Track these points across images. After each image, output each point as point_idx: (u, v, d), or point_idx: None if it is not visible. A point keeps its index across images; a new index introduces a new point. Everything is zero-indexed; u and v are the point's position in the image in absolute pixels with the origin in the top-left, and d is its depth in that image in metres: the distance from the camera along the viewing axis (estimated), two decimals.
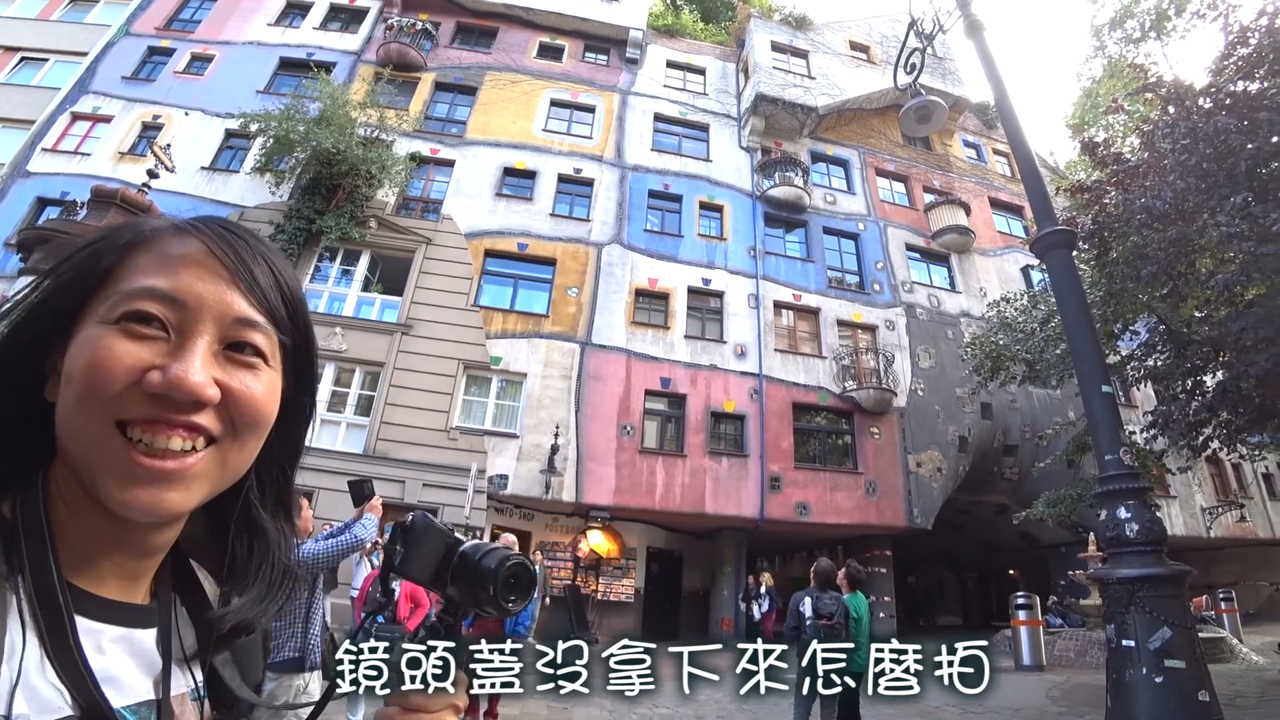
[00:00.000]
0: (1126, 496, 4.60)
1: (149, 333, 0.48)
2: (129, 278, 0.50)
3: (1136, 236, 7.83)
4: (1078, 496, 10.94)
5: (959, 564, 28.01)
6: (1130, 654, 4.30)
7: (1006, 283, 18.90)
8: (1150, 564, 4.39)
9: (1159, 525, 4.54)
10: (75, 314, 0.50)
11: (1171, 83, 8.34)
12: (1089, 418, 5.21)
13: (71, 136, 17.48)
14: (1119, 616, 4.44)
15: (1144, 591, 4.33)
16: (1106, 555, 4.81)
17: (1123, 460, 4.71)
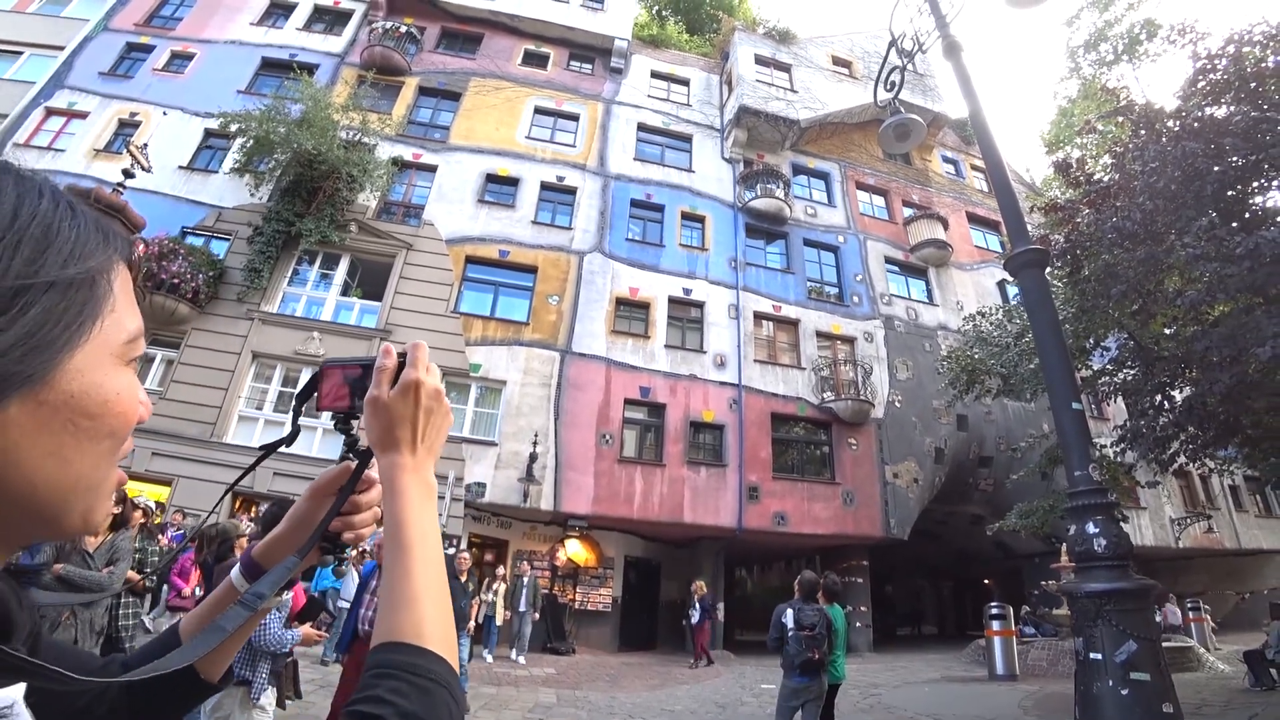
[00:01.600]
0: (1095, 512, 4.68)
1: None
2: (126, 313, 0.49)
3: (1108, 255, 8.01)
4: (1050, 508, 11.14)
5: (935, 574, 28.30)
6: (1098, 666, 4.38)
7: (983, 296, 19.22)
8: (1117, 579, 4.47)
9: (1126, 540, 4.62)
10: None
11: (1142, 106, 8.56)
12: (1059, 433, 5.30)
13: (45, 132, 17.16)
14: (1087, 630, 4.52)
15: (1111, 605, 4.41)
16: (1076, 570, 4.89)
17: (1091, 476, 4.79)
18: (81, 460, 0.45)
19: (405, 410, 0.71)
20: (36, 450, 0.42)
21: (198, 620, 0.79)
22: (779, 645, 5.54)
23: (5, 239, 0.39)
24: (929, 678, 11.48)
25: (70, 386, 0.43)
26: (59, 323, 0.41)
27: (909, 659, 14.66)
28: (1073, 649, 10.64)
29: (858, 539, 15.94)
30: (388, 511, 0.69)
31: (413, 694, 0.54)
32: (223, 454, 12.77)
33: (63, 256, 0.42)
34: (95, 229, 0.46)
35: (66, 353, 0.42)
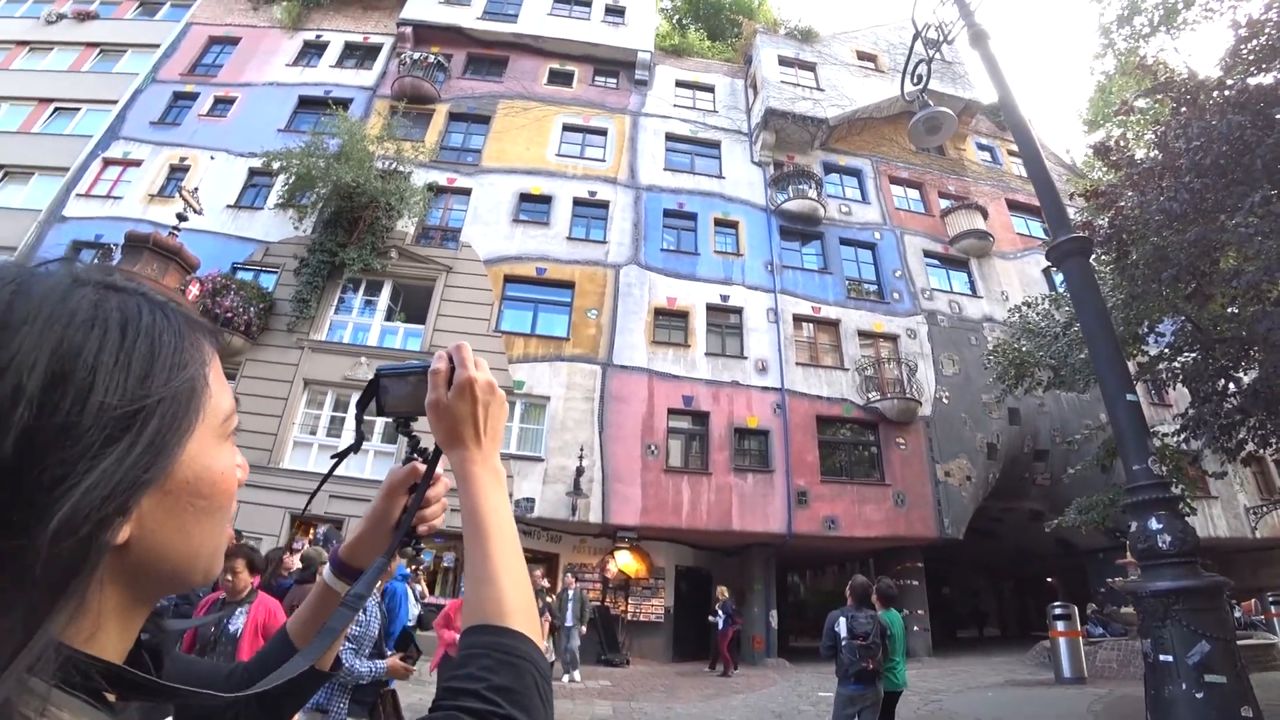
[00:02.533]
0: (1157, 507, 4.53)
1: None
2: (220, 395, 0.54)
3: (1156, 238, 7.75)
4: (1111, 501, 10.74)
5: (994, 573, 27.50)
6: (1168, 669, 4.23)
7: (1028, 285, 18.70)
8: (1184, 576, 4.31)
9: (1192, 536, 4.46)
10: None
11: (1183, 80, 8.27)
12: (1114, 427, 5.14)
13: (104, 181, 18.08)
14: (1155, 631, 4.37)
15: (1179, 605, 4.26)
16: (1141, 568, 4.73)
17: (1151, 469, 4.64)
18: (200, 532, 0.51)
19: (465, 408, 0.77)
20: (164, 531, 0.48)
21: (302, 622, 0.87)
22: (832, 654, 5.46)
23: (118, 360, 0.43)
24: (992, 682, 11.16)
25: (185, 474, 0.48)
26: (173, 429, 0.46)
27: (970, 662, 14.28)
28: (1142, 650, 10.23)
29: (911, 540, 15.61)
30: (464, 501, 0.74)
31: (501, 670, 0.59)
32: (280, 479, 13.20)
33: (168, 369, 0.46)
34: (189, 329, 0.51)
35: (181, 450, 0.48)
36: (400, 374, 0.84)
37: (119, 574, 0.46)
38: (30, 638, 0.37)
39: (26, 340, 0.39)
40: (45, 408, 0.38)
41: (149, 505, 0.46)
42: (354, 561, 0.88)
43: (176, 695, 0.51)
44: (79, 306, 0.43)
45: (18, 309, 0.40)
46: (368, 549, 0.88)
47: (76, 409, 0.40)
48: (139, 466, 0.43)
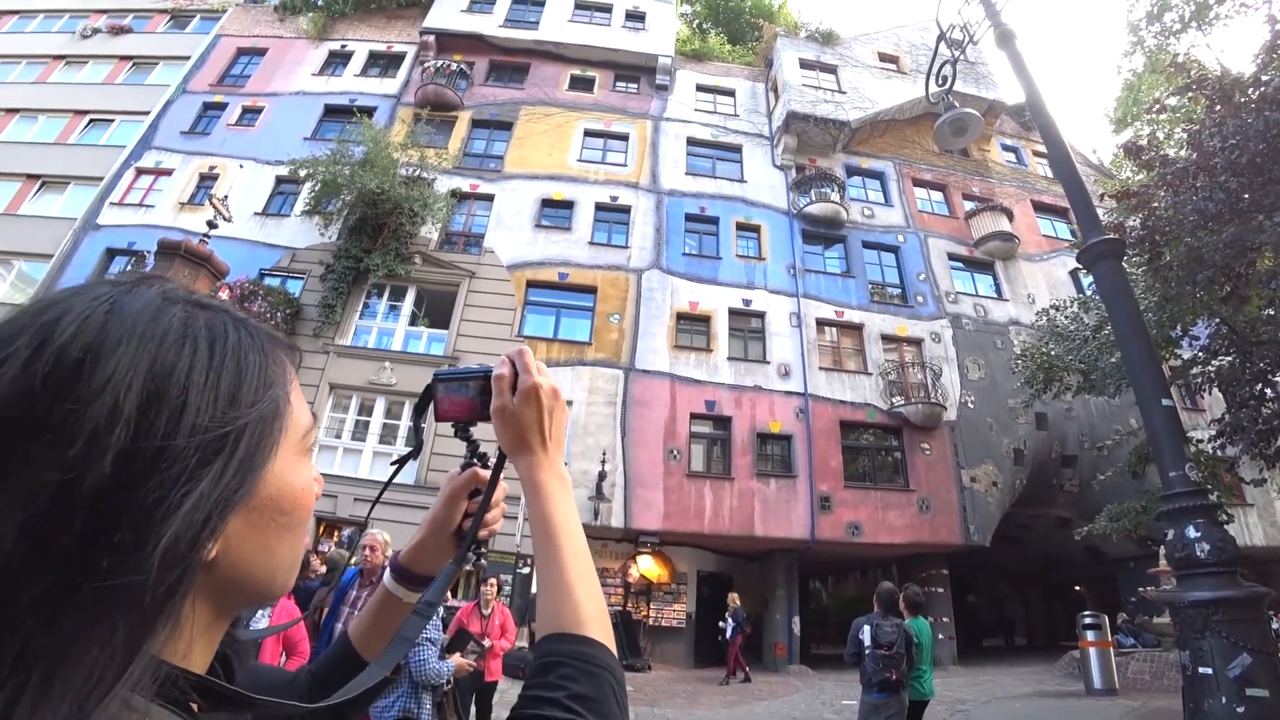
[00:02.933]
0: (1194, 514, 4.43)
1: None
2: (300, 411, 0.55)
3: (1190, 239, 7.59)
4: (1143, 509, 10.50)
5: (1021, 581, 27.05)
6: (1208, 682, 4.13)
7: (1055, 288, 18.42)
8: (1224, 586, 4.21)
9: (1231, 544, 4.35)
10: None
11: (1217, 78, 8.10)
12: (1149, 433, 5.04)
13: (136, 190, 18.51)
14: (1193, 642, 4.27)
15: (1219, 615, 4.16)
16: (1177, 577, 4.62)
17: (1188, 476, 4.54)
18: (281, 547, 0.52)
19: (531, 414, 0.77)
20: (248, 548, 0.49)
21: (365, 627, 0.87)
22: (856, 661, 5.40)
23: (208, 379, 0.43)
24: (1020, 692, 10.97)
25: (269, 491, 0.49)
26: (260, 449, 0.47)
27: (996, 672, 14.05)
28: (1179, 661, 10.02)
29: (936, 547, 15.41)
30: (533, 508, 0.74)
31: (582, 678, 0.59)
32: None
33: (254, 389, 0.47)
34: (271, 346, 0.52)
35: (267, 466, 0.48)
36: (458, 379, 0.83)
37: (206, 590, 0.47)
38: (132, 657, 0.38)
39: (122, 360, 0.39)
40: (141, 428, 0.39)
41: (235, 523, 0.46)
42: (415, 567, 0.88)
43: (260, 705, 0.51)
44: (170, 325, 0.43)
45: (112, 329, 0.41)
46: (429, 555, 0.88)
47: (171, 429, 0.40)
48: (231, 487, 0.43)
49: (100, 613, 0.36)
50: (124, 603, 0.37)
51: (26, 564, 0.35)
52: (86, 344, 0.39)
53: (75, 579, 0.36)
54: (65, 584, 0.36)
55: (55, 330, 0.40)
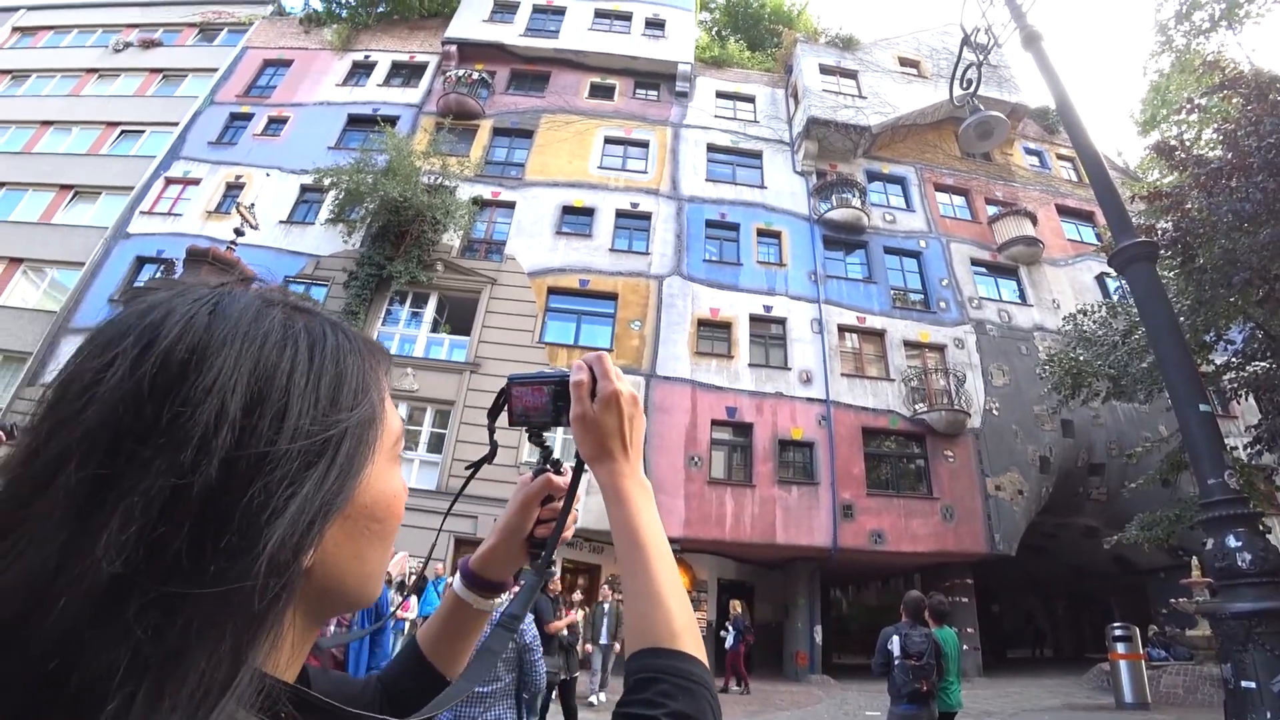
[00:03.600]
0: (1235, 523, 4.33)
1: None
2: (392, 417, 0.54)
3: (1225, 241, 7.46)
4: (1176, 518, 10.26)
5: (1048, 591, 26.60)
6: (1251, 696, 4.03)
7: (1081, 293, 18.16)
8: (1268, 597, 4.10)
9: (1275, 554, 4.25)
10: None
11: (1252, 76, 7.96)
12: (1186, 439, 4.94)
13: (165, 199, 18.91)
14: (1236, 655, 4.16)
15: (1263, 628, 4.05)
16: (1217, 587, 4.52)
17: (1228, 484, 4.44)
18: (373, 555, 0.51)
19: (612, 421, 0.75)
20: (343, 556, 0.48)
21: (434, 634, 0.85)
22: (884, 672, 5.32)
23: (309, 382, 0.43)
24: (1048, 705, 10.78)
25: (365, 499, 0.48)
26: (358, 453, 0.46)
27: (1023, 684, 13.82)
28: (1212, 674, 9.84)
29: (960, 556, 15.20)
30: (616, 518, 0.73)
31: (679, 695, 0.58)
32: None
33: (354, 393, 0.46)
34: (367, 350, 0.51)
35: (364, 471, 0.47)
36: (533, 383, 0.82)
37: (304, 599, 0.46)
38: (239, 668, 0.37)
39: (227, 362, 0.39)
40: (246, 431, 0.38)
41: (332, 530, 0.46)
42: (486, 573, 0.86)
43: (351, 718, 0.51)
44: (271, 327, 0.43)
45: (216, 330, 0.41)
46: (501, 561, 0.87)
47: (274, 433, 0.40)
48: (332, 492, 0.43)
49: (208, 621, 0.36)
50: (231, 611, 0.37)
51: (137, 570, 0.34)
52: (192, 345, 0.39)
53: (184, 586, 0.35)
54: (174, 591, 0.35)
55: (161, 331, 0.40)
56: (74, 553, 0.34)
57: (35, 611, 0.33)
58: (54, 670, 0.32)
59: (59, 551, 0.34)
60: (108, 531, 0.34)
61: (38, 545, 0.34)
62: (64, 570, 0.33)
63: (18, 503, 0.36)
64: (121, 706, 0.33)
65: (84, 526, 0.34)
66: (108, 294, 16.73)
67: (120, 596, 0.34)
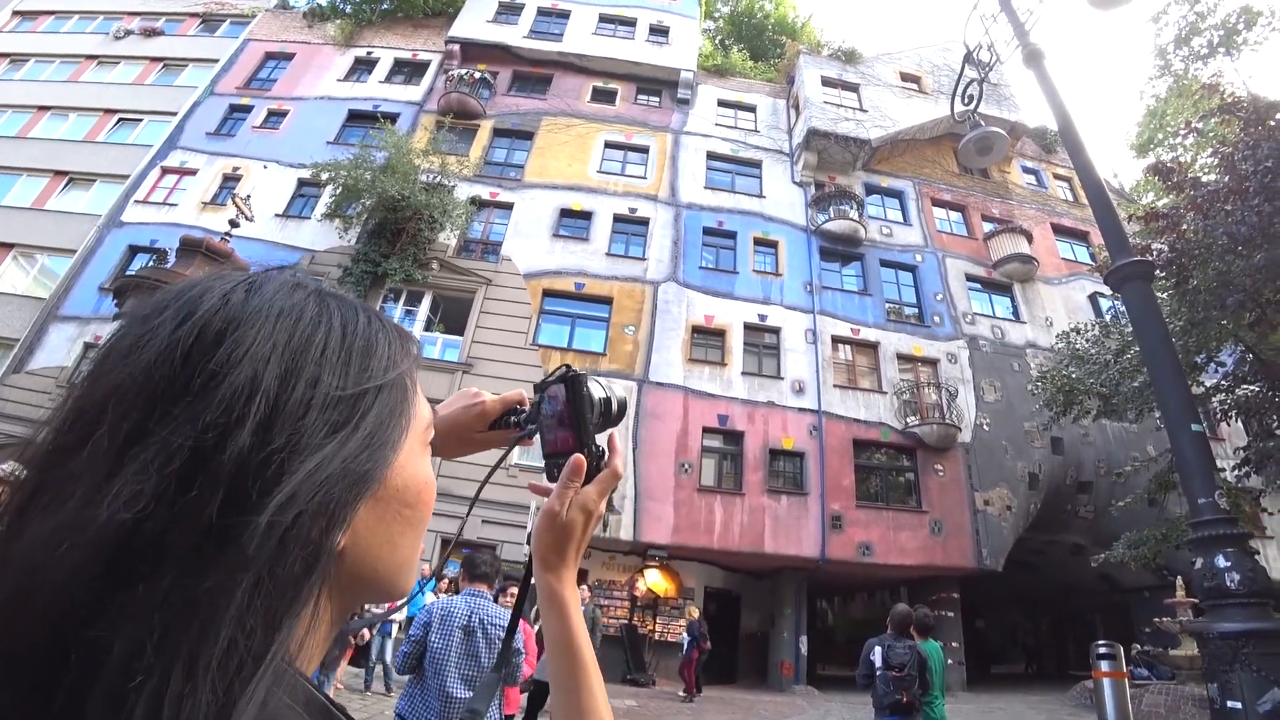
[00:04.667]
0: (1224, 543, 4.35)
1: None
2: (422, 404, 0.53)
3: (1219, 263, 7.50)
4: (1162, 537, 10.33)
5: (1033, 607, 26.67)
6: (1237, 717, 4.04)
7: (1074, 312, 18.26)
8: (1255, 618, 4.12)
9: (1263, 575, 4.27)
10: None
11: (1251, 101, 8.04)
12: (1177, 459, 4.95)
13: (160, 189, 18.79)
14: (1222, 675, 4.17)
15: (1249, 648, 4.07)
16: (1205, 607, 4.53)
17: (1218, 504, 4.46)
18: (405, 543, 0.50)
19: (578, 524, 0.70)
20: (375, 541, 0.47)
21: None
22: (868, 683, 5.31)
23: (340, 355, 0.43)
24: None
25: (396, 481, 0.47)
26: (389, 423, 0.46)
27: (1007, 700, 13.81)
28: (1194, 694, 9.85)
29: (947, 570, 15.21)
30: (556, 630, 0.69)
31: None
32: None
33: (383, 365, 0.46)
34: (398, 337, 0.51)
35: (395, 450, 0.46)
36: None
37: (335, 584, 0.45)
38: (271, 642, 0.36)
39: (262, 332, 0.40)
40: (280, 399, 0.39)
41: (363, 512, 0.45)
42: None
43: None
44: (307, 305, 0.44)
45: (252, 304, 0.42)
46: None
47: (305, 404, 0.40)
48: (360, 462, 0.42)
49: (235, 587, 0.35)
50: (260, 579, 0.36)
51: (154, 526, 0.34)
52: (229, 317, 0.40)
53: (212, 549, 0.35)
54: (202, 554, 0.34)
55: (200, 305, 0.41)
56: (88, 503, 0.34)
57: (50, 565, 0.33)
58: (68, 631, 0.32)
59: (78, 502, 0.34)
60: (120, 480, 0.34)
61: (62, 499, 0.35)
62: (78, 521, 0.34)
63: (54, 461, 0.37)
64: (159, 681, 0.32)
65: (106, 480, 0.35)
66: (99, 282, 16.59)
67: (140, 554, 0.33)
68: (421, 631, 3.49)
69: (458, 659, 3.41)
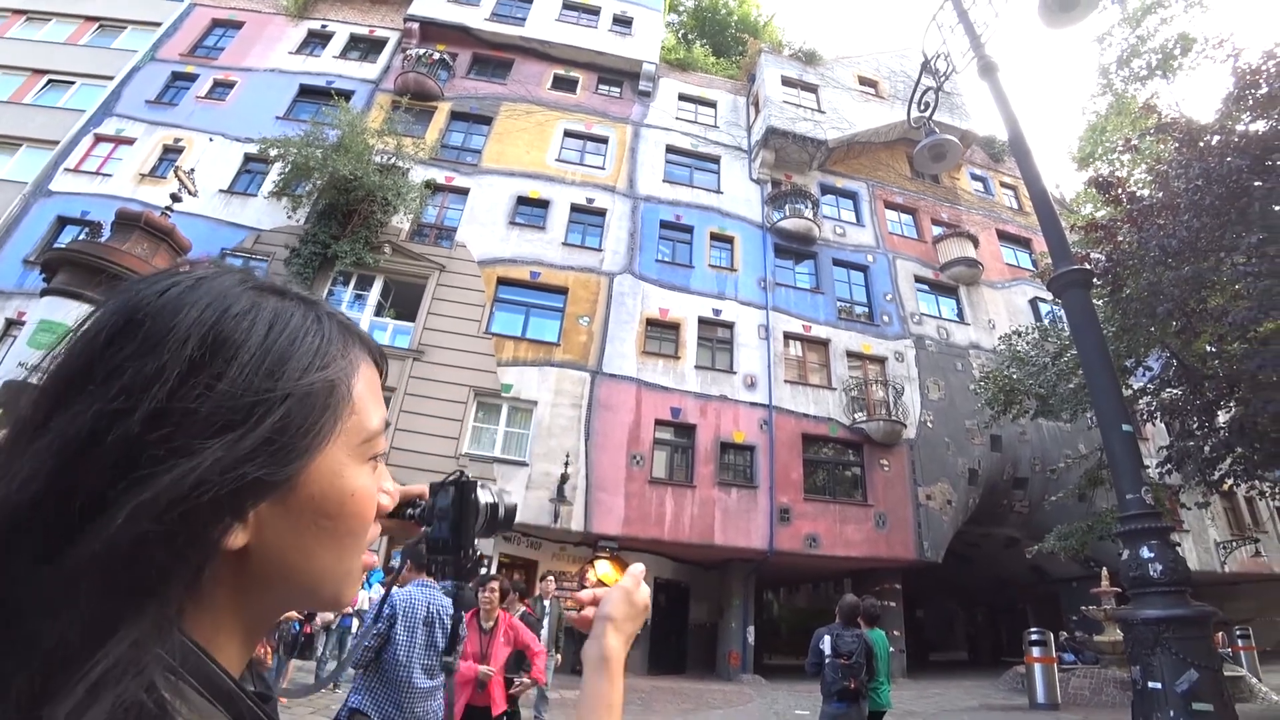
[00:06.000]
0: (1149, 536, 4.58)
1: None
2: (367, 412, 0.51)
3: (1150, 274, 7.90)
4: (1088, 529, 10.92)
5: (969, 597, 27.71)
6: (1157, 697, 4.27)
7: (1015, 315, 18.98)
8: (1175, 605, 4.36)
9: (1183, 565, 4.52)
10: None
11: (1185, 122, 8.47)
12: (1109, 457, 5.19)
13: (94, 158, 17.80)
14: (1144, 658, 4.40)
15: (1169, 633, 4.30)
16: (1130, 595, 4.78)
17: (1144, 499, 4.70)
18: (325, 554, 0.49)
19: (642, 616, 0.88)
20: (286, 546, 0.46)
21: None
22: (817, 671, 5.44)
23: (255, 354, 0.43)
24: (967, 705, 11.21)
25: (311, 489, 0.46)
26: (297, 431, 0.44)
27: (944, 685, 14.34)
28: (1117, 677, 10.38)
29: (890, 562, 15.68)
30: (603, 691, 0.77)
31: None
32: None
33: (300, 368, 0.45)
34: (340, 336, 0.50)
35: (307, 458, 0.45)
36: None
37: (238, 581, 0.45)
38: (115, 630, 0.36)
39: (180, 325, 0.41)
40: (178, 391, 0.39)
41: (270, 515, 0.44)
42: None
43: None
44: (237, 300, 0.44)
45: (185, 300, 0.43)
46: None
47: (204, 393, 0.40)
48: (249, 460, 0.41)
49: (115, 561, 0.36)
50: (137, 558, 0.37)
51: (51, 509, 0.36)
52: (155, 309, 0.41)
53: (92, 524, 0.36)
54: (82, 529, 0.36)
55: (140, 296, 0.42)
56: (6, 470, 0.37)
57: None
58: None
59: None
60: (20, 463, 0.37)
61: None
62: None
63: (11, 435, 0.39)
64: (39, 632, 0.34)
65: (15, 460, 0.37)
66: (23, 254, 15.67)
67: (22, 534, 0.35)
68: (387, 625, 3.50)
69: (421, 651, 3.49)
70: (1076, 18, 5.97)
